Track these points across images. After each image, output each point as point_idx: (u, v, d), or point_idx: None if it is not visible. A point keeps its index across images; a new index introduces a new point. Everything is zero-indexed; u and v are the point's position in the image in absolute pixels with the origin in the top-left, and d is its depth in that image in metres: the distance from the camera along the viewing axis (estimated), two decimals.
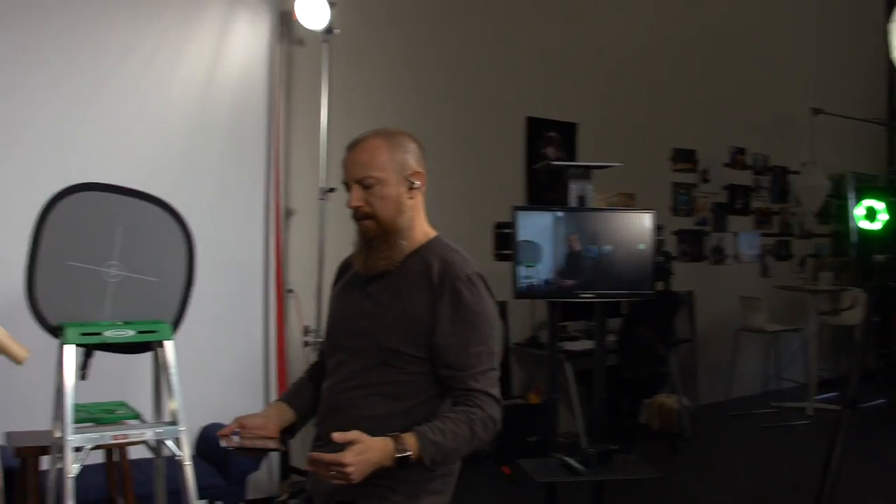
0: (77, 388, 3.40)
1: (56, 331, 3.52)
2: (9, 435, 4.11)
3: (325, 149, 5.89)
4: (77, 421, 3.41)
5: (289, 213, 6.06)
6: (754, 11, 9.45)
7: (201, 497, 4.41)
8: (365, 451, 2.12)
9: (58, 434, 3.51)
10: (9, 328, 3.44)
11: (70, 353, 3.40)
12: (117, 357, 3.71)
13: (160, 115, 5.25)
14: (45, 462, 3.98)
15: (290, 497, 5.63)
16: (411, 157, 2.56)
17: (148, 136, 5.20)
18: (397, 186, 2.50)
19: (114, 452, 4.21)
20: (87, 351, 3.53)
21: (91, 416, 3.64)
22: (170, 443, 3.56)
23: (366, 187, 2.48)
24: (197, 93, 5.39)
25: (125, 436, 3.51)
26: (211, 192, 5.37)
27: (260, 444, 2.42)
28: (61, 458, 3.40)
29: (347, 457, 2.09)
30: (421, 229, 2.58)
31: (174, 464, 3.65)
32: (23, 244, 3.68)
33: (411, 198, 2.54)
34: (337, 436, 2.16)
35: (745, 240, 9.56)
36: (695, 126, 8.91)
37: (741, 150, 9.53)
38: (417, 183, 2.54)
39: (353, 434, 2.15)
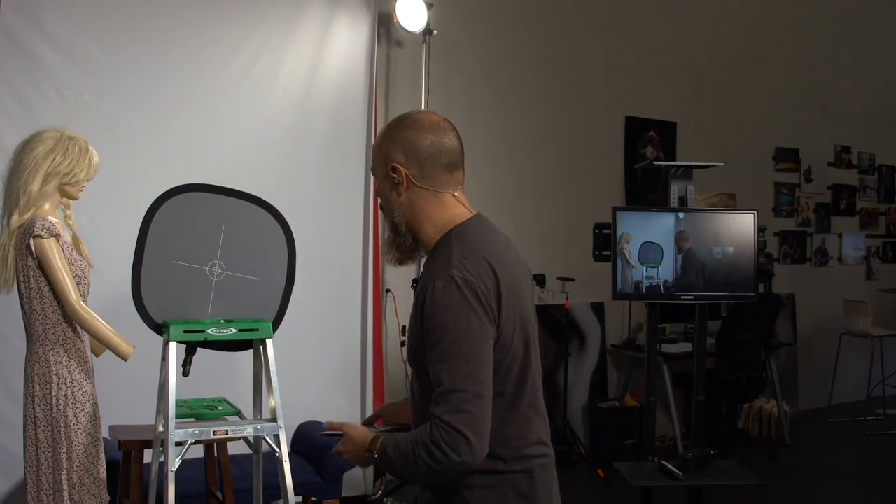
0: (178, 384, 3.49)
1: (160, 328, 3.61)
2: (112, 428, 4.23)
3: None
4: (179, 416, 3.50)
5: None
6: (859, 3, 9.20)
7: (297, 493, 4.48)
8: (349, 441, 2.19)
9: (160, 429, 3.61)
10: (113, 325, 3.56)
11: (173, 350, 3.48)
12: (217, 354, 3.79)
13: (262, 117, 5.35)
14: (147, 455, 4.09)
15: (385, 495, 5.68)
16: (396, 148, 2.15)
17: (249, 137, 5.30)
18: (383, 182, 2.21)
19: (213, 448, 4.30)
20: (190, 348, 3.60)
21: (192, 411, 3.73)
22: (268, 439, 3.62)
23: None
24: (297, 95, 5.48)
25: (225, 431, 3.58)
26: (311, 193, 5.45)
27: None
28: (163, 452, 3.50)
29: (340, 445, 2.20)
30: (435, 226, 2.18)
31: (272, 460, 3.71)
32: (127, 243, 3.79)
33: (399, 194, 2.17)
34: (327, 423, 2.28)
35: (849, 241, 9.31)
36: (798, 124, 8.72)
37: (846, 149, 9.28)
38: (396, 177, 2.14)
39: (341, 425, 2.23)
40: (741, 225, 4.62)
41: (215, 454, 4.30)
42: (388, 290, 6.06)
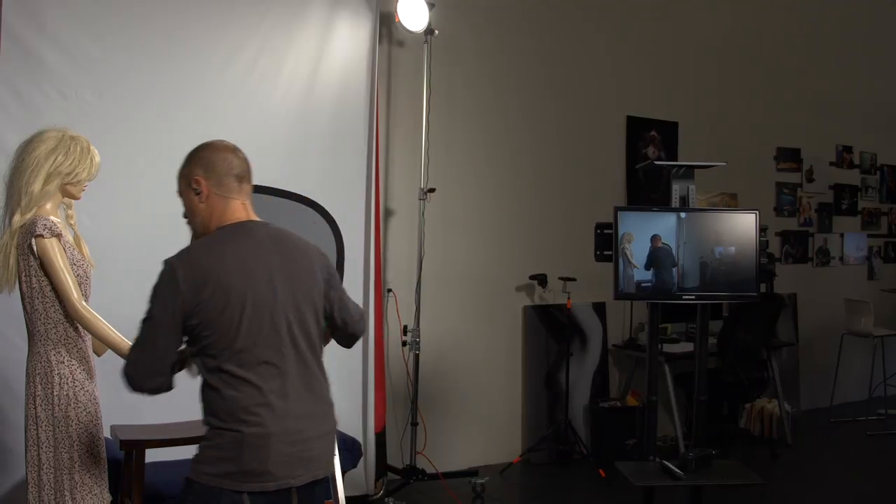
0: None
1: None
2: (114, 428, 4.23)
3: (426, 149, 5.94)
4: None
5: (388, 214, 6.13)
6: (861, 2, 9.19)
7: None
8: None
9: None
10: (114, 324, 3.55)
11: None
12: None
13: (263, 117, 5.34)
14: (149, 455, 4.10)
15: (386, 495, 5.69)
16: (198, 166, 2.76)
17: (251, 137, 5.22)
18: (187, 195, 2.76)
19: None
20: None
21: None
22: None
23: None
24: (299, 94, 5.48)
25: None
26: (312, 193, 5.40)
27: None
28: None
29: None
30: (217, 225, 2.72)
31: None
32: (129, 242, 3.77)
33: (201, 202, 2.72)
34: None
35: (851, 241, 9.31)
36: (799, 124, 8.72)
37: (848, 149, 9.27)
38: (198, 189, 2.72)
39: None
40: (743, 225, 4.61)
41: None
42: (389, 290, 6.06)
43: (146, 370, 2.59)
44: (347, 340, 3.03)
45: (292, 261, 2.71)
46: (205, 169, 2.73)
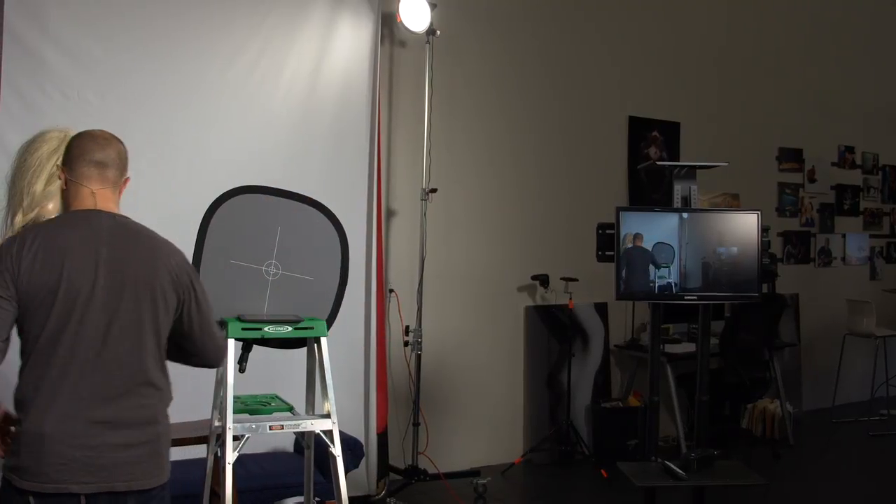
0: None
1: (218, 326, 3.66)
2: None
3: (427, 149, 5.94)
4: (235, 412, 3.56)
5: (390, 214, 6.13)
6: (863, 2, 9.18)
7: (298, 493, 4.50)
8: None
9: (216, 423, 3.71)
10: None
11: (231, 347, 3.55)
12: (261, 352, 3.85)
13: (265, 117, 5.35)
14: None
15: (388, 495, 5.69)
16: (64, 155, 2.78)
17: (253, 137, 5.30)
18: (60, 182, 2.75)
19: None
20: (247, 345, 3.70)
21: (247, 407, 3.76)
22: (322, 435, 3.66)
23: None
24: (301, 95, 5.48)
25: (281, 426, 3.66)
26: (314, 193, 5.39)
27: None
28: (220, 446, 3.59)
29: None
30: (65, 210, 2.73)
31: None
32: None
33: (63, 188, 2.73)
34: None
35: (853, 241, 9.30)
36: (801, 124, 8.71)
37: (850, 149, 9.27)
38: (59, 175, 2.74)
39: None
40: (745, 225, 4.61)
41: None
42: (391, 291, 6.06)
43: None
44: (197, 361, 2.89)
45: (128, 255, 2.60)
46: (65, 156, 2.74)
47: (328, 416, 3.65)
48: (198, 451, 4.19)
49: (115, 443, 2.51)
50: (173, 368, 3.14)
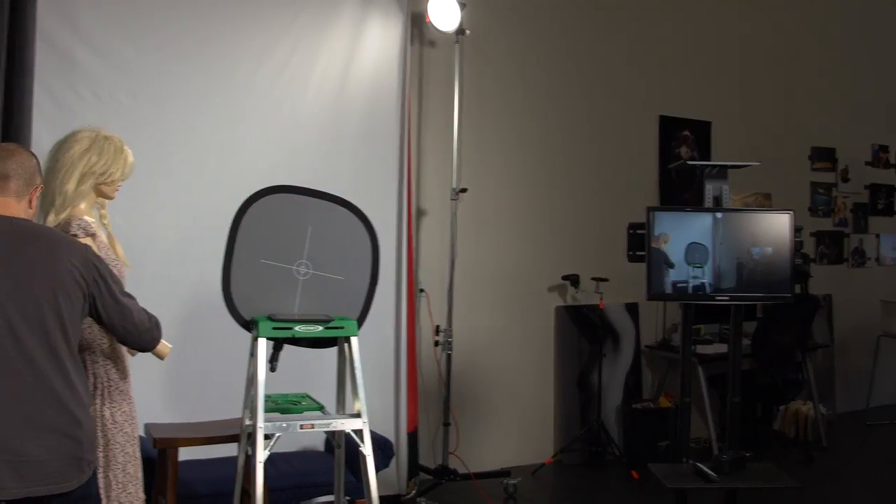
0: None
1: (249, 325, 3.72)
2: (148, 426, 4.26)
3: (457, 149, 5.94)
4: (266, 410, 3.59)
5: (420, 214, 6.12)
6: None
7: (329, 492, 4.50)
8: None
9: (248, 422, 3.74)
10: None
11: (262, 346, 3.59)
12: (292, 352, 3.87)
13: (295, 118, 5.36)
14: (183, 453, 4.14)
15: (418, 495, 5.68)
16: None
17: (283, 137, 5.32)
18: None
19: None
20: (278, 344, 3.72)
21: (277, 406, 3.78)
22: (353, 434, 3.67)
23: None
24: (330, 95, 5.49)
25: (311, 426, 3.68)
26: (345, 193, 5.40)
27: None
28: (249, 445, 3.62)
29: None
30: None
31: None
32: (161, 242, 3.78)
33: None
34: None
35: (887, 242, 9.19)
36: (834, 123, 8.63)
37: (884, 148, 9.16)
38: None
39: None
40: (777, 225, 4.57)
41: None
42: (421, 290, 6.06)
43: None
44: (134, 347, 3.07)
45: (24, 256, 2.67)
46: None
47: (359, 415, 3.66)
48: (227, 450, 4.21)
49: (39, 444, 2.57)
50: (202, 368, 3.19)
